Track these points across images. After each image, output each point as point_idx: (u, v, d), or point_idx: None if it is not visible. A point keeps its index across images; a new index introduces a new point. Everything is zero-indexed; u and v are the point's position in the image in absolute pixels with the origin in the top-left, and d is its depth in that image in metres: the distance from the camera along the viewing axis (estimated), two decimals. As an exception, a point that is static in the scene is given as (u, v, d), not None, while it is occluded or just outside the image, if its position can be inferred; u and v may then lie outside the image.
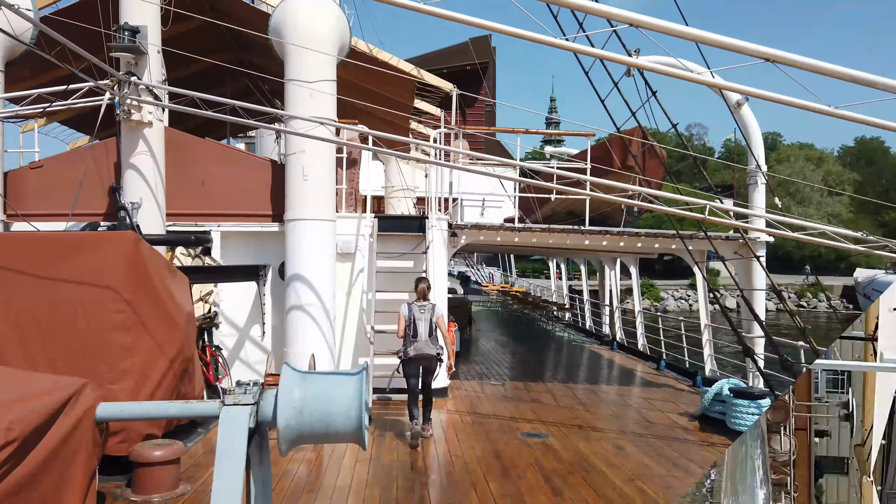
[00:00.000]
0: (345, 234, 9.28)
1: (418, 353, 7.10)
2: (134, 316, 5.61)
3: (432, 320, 7.19)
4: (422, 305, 7.26)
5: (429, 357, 7.14)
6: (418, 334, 7.11)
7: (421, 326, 7.12)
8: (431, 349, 7.15)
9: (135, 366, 5.57)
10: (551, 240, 9.82)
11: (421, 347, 7.10)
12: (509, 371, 12.15)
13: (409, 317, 7.19)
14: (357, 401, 3.31)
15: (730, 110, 9.78)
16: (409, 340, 7.14)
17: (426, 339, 7.11)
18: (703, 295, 11.33)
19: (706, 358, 11.44)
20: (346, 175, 9.43)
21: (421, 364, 7.21)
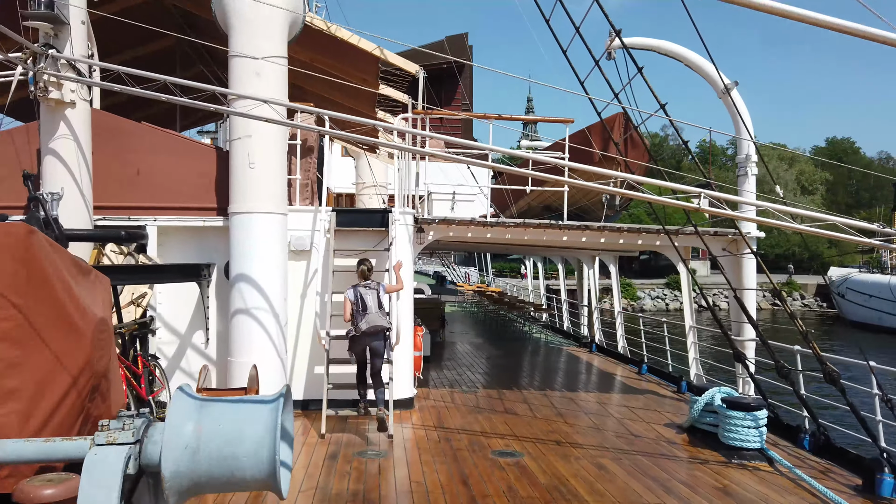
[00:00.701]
0: (298, 230, 8.38)
1: (371, 326, 7.05)
2: (24, 324, 4.61)
3: (379, 293, 7.23)
4: (366, 284, 7.28)
5: (379, 329, 7.12)
6: (367, 307, 7.11)
7: (370, 299, 7.15)
8: (382, 320, 7.14)
9: (25, 385, 4.54)
10: (527, 235, 9.02)
11: (373, 319, 7.07)
12: (483, 377, 11.33)
13: (355, 297, 7.22)
14: (270, 437, 2.51)
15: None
16: (359, 316, 7.13)
17: (377, 311, 7.11)
18: (687, 295, 10.64)
19: (691, 362, 10.75)
20: (299, 164, 8.52)
21: (369, 342, 7.15)
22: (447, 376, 11.27)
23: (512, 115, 8.78)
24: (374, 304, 7.12)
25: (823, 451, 7.09)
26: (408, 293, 8.48)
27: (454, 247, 15.39)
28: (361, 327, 7.04)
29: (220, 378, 8.25)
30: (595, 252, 14.28)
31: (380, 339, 7.17)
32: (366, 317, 7.07)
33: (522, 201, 11.40)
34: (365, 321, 7.04)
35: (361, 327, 7.04)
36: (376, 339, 7.15)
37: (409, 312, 8.50)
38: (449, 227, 9.01)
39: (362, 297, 7.16)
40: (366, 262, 7.53)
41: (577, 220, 9.54)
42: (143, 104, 13.03)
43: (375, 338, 7.14)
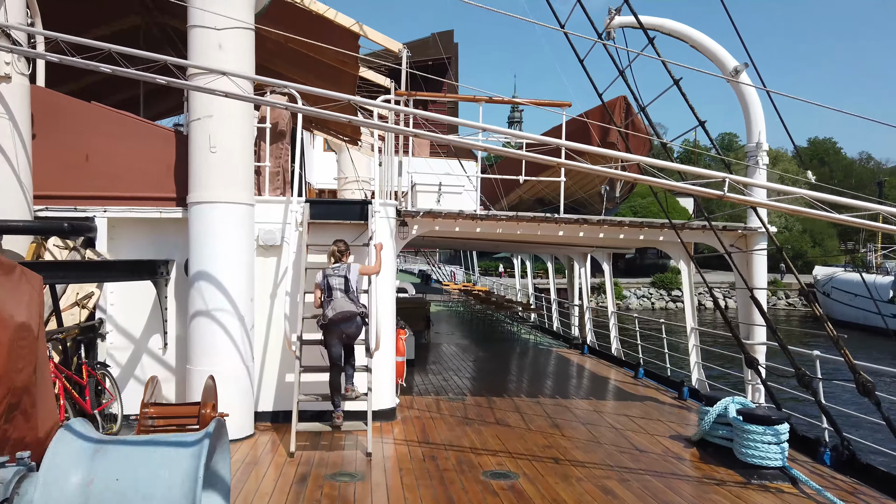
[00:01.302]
0: (268, 223, 7.55)
1: (338, 313, 6.50)
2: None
3: (349, 276, 6.64)
4: (336, 267, 6.75)
5: (350, 315, 6.54)
6: (333, 292, 6.58)
7: (335, 282, 6.60)
8: (351, 305, 6.56)
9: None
10: (519, 230, 8.28)
11: (339, 305, 6.52)
12: (470, 382, 10.57)
13: (323, 282, 6.70)
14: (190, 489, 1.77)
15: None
16: (326, 303, 6.61)
17: (342, 294, 6.56)
18: (689, 295, 9.95)
19: (693, 366, 10.08)
20: (269, 150, 7.68)
21: (342, 330, 6.61)
22: (433, 382, 10.49)
23: (504, 98, 8.06)
24: (340, 288, 6.56)
25: (846, 468, 6.42)
26: (389, 292, 7.69)
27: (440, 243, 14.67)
28: (328, 315, 6.52)
29: (180, 389, 7.41)
30: (589, 249, 13.59)
31: (352, 323, 6.63)
32: (331, 303, 6.54)
33: (513, 194, 10.65)
34: (330, 307, 6.51)
35: (328, 315, 6.52)
36: (349, 324, 6.61)
37: (390, 314, 7.71)
38: (435, 220, 8.23)
39: (328, 281, 6.63)
40: (339, 242, 6.95)
41: (574, 214, 8.82)
42: (107, 91, 12.09)
43: (348, 324, 6.60)
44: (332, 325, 6.59)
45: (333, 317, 6.52)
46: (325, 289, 6.66)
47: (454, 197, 9.35)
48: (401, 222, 8.10)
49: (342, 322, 6.57)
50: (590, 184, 9.18)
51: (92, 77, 10.63)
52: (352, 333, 6.69)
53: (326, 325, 6.61)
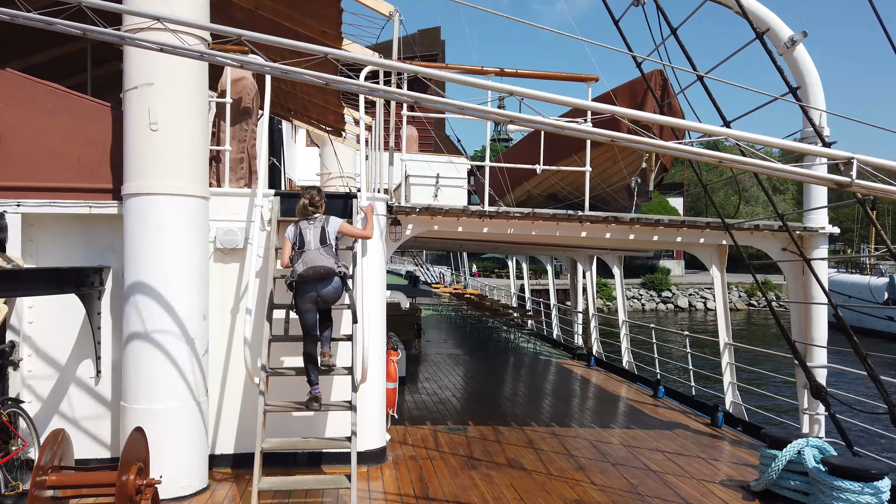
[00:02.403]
0: (228, 221, 6.09)
1: (310, 268, 5.32)
2: None
3: (325, 228, 5.48)
4: (311, 218, 5.56)
5: (325, 273, 5.35)
6: (306, 242, 5.41)
7: (309, 233, 5.44)
8: (329, 261, 5.37)
9: None
10: (535, 230, 6.89)
11: (312, 259, 5.35)
12: (471, 405, 9.18)
13: (294, 234, 5.53)
14: None
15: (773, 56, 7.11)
16: (296, 256, 5.45)
17: (318, 246, 5.38)
18: (722, 307, 8.63)
19: (726, 386, 8.77)
20: (229, 130, 6.22)
21: (317, 291, 5.38)
22: (428, 406, 9.08)
23: (518, 70, 6.67)
24: (314, 240, 5.39)
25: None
26: (378, 307, 6.25)
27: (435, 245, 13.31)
28: (297, 270, 5.35)
29: (117, 430, 5.92)
30: (598, 251, 12.24)
31: (329, 283, 5.42)
32: (303, 256, 5.35)
33: (521, 189, 9.29)
34: (301, 262, 5.34)
35: (297, 270, 5.35)
36: (325, 284, 5.40)
37: (379, 335, 6.27)
38: (433, 218, 6.82)
39: (301, 232, 5.47)
40: (312, 190, 5.74)
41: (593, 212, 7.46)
42: (54, 74, 10.52)
43: (324, 283, 5.39)
44: (303, 283, 5.35)
45: (305, 272, 5.30)
46: (297, 242, 5.45)
47: (455, 192, 7.94)
48: (392, 220, 6.69)
49: (317, 281, 5.34)
50: (615, 176, 7.85)
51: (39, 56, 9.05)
52: (328, 296, 5.43)
53: (296, 285, 5.40)
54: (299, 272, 5.34)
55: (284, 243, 5.55)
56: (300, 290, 5.40)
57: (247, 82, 6.46)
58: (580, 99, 4.05)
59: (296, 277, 5.36)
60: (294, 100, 11.40)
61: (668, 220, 6.77)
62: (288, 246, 5.52)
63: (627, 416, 8.95)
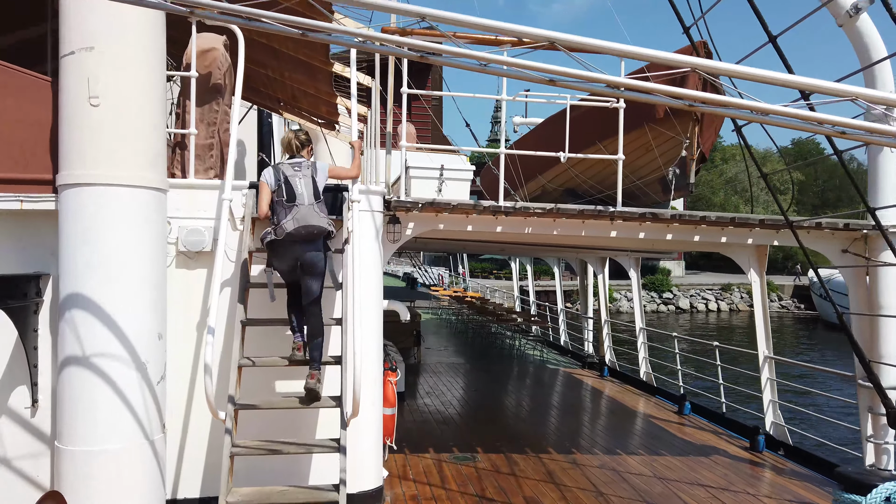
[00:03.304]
0: (192, 218, 5.08)
1: (302, 226, 4.50)
2: None
3: (315, 178, 4.67)
4: (297, 163, 4.73)
5: (317, 233, 4.56)
6: (297, 195, 4.56)
7: (301, 184, 4.60)
8: (322, 220, 4.59)
9: None
10: (557, 229, 5.89)
11: (305, 216, 4.53)
12: (478, 426, 8.18)
13: (276, 180, 4.64)
14: None
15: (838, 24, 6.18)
16: (282, 210, 4.56)
17: (311, 202, 4.58)
18: (762, 315, 7.65)
19: (766, 406, 7.78)
20: (194, 111, 5.20)
21: (301, 254, 4.56)
22: (429, 426, 8.08)
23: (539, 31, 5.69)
24: (307, 193, 4.59)
25: None
26: (373, 324, 5.23)
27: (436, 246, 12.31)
28: (286, 227, 4.50)
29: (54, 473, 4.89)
30: (616, 252, 11.25)
31: (317, 247, 4.64)
32: (294, 211, 4.51)
33: (534, 183, 8.29)
34: (292, 218, 4.51)
35: (286, 227, 4.50)
36: (311, 247, 4.60)
37: (374, 357, 5.24)
38: (438, 215, 5.81)
39: (287, 180, 4.60)
40: (299, 131, 5.04)
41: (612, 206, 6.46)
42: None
43: (310, 246, 4.59)
44: (289, 243, 4.53)
45: (296, 231, 4.48)
46: (282, 190, 4.58)
47: (460, 187, 6.94)
48: (390, 218, 5.68)
49: (304, 242, 4.55)
50: (647, 167, 6.86)
51: None
52: (312, 261, 4.62)
53: (279, 243, 4.57)
54: (288, 230, 4.47)
55: (262, 189, 4.68)
56: (281, 250, 4.58)
57: (217, 54, 5.45)
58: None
59: (282, 236, 4.49)
60: (283, 89, 10.39)
61: (715, 217, 5.77)
62: (267, 192, 4.63)
63: (653, 438, 7.97)
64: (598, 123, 6.78)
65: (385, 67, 6.53)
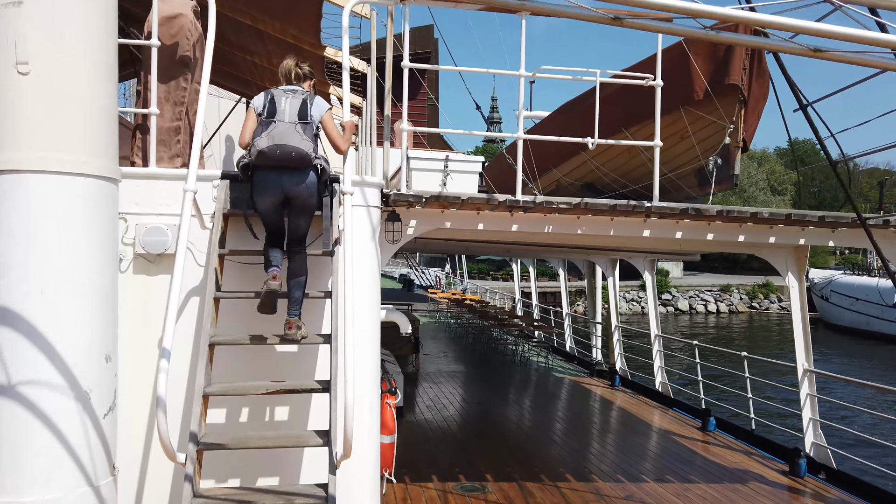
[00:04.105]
0: (153, 214, 4.25)
1: (277, 144, 3.79)
2: None
3: (309, 103, 3.98)
4: (292, 88, 4.07)
5: (299, 157, 3.83)
6: (278, 111, 3.90)
7: (285, 102, 3.94)
8: (304, 143, 3.86)
9: None
10: (581, 228, 5.09)
11: (283, 133, 3.82)
12: (486, 447, 7.38)
13: (263, 105, 3.95)
14: None
15: None
16: (260, 127, 3.90)
17: (294, 120, 3.89)
18: (801, 323, 6.88)
19: (806, 424, 7.00)
20: (156, 86, 4.38)
21: (282, 184, 3.86)
22: (432, 447, 7.28)
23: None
24: (289, 110, 3.91)
25: None
26: (369, 344, 4.40)
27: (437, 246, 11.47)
28: (258, 145, 3.81)
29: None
30: (632, 253, 10.46)
31: (302, 176, 3.90)
32: (271, 128, 3.84)
33: (548, 177, 7.48)
34: (267, 135, 3.82)
35: (258, 145, 3.81)
36: (298, 178, 3.88)
37: (370, 380, 4.41)
38: (445, 212, 5.01)
39: (274, 98, 3.95)
40: (306, 63, 4.31)
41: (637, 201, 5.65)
42: None
43: (296, 177, 3.88)
44: (269, 172, 3.84)
45: (269, 150, 3.79)
46: (266, 110, 3.92)
47: (467, 181, 6.11)
48: (389, 215, 4.87)
49: (284, 168, 3.84)
50: (681, 157, 6.04)
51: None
52: (298, 193, 3.91)
53: (257, 172, 3.88)
54: (260, 148, 3.79)
55: (248, 115, 4.00)
56: (259, 180, 3.87)
57: (185, 21, 4.62)
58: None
59: (254, 156, 3.81)
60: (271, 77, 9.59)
61: (767, 214, 4.97)
62: (252, 119, 3.95)
63: (681, 460, 7.18)
64: (624, 108, 5.99)
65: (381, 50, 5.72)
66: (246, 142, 3.95)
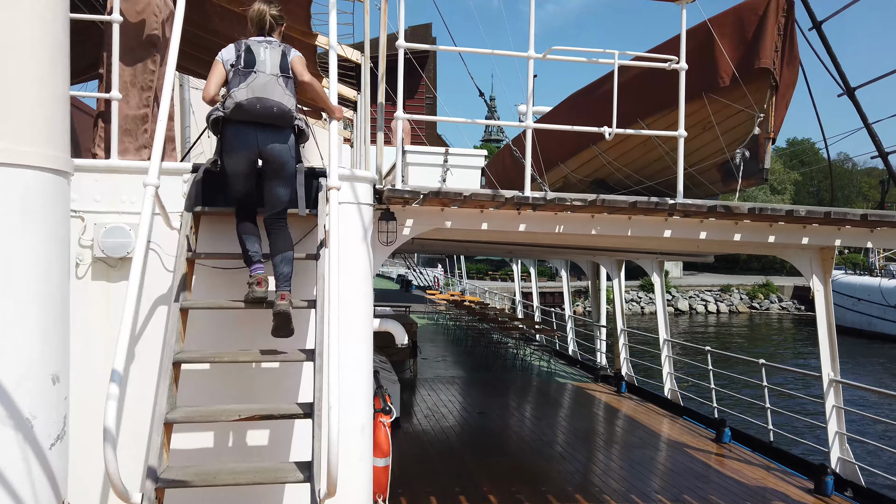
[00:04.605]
0: (114, 212, 3.75)
1: (256, 97, 3.31)
2: None
3: (287, 54, 3.51)
4: (265, 39, 3.55)
5: (279, 111, 3.35)
6: (257, 62, 3.41)
7: (264, 52, 3.45)
8: (285, 97, 3.39)
9: None
10: (596, 228, 4.60)
11: (264, 85, 3.35)
12: (489, 464, 6.89)
13: (237, 54, 3.45)
14: None
15: None
16: (236, 77, 3.40)
17: (275, 72, 3.41)
18: (826, 328, 6.41)
19: (832, 439, 6.52)
20: (121, 72, 3.87)
21: (257, 142, 3.37)
22: (431, 462, 6.79)
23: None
24: (269, 61, 3.44)
25: None
26: (361, 363, 3.89)
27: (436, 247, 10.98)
28: (236, 97, 3.33)
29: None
30: (642, 255, 9.97)
31: (281, 137, 3.43)
32: (251, 78, 3.37)
33: (555, 172, 6.98)
34: (248, 87, 3.34)
35: (236, 97, 3.33)
36: (273, 134, 3.41)
37: (361, 402, 3.90)
38: (445, 210, 4.51)
39: (250, 48, 3.47)
40: (275, 5, 3.67)
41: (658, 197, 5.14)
42: None
43: (275, 135, 3.41)
44: (244, 127, 3.36)
45: (248, 103, 3.32)
46: (243, 60, 3.44)
47: (469, 176, 5.63)
48: (383, 213, 4.37)
49: (261, 125, 3.36)
50: (703, 149, 5.54)
51: None
52: (278, 156, 3.43)
53: (229, 127, 3.39)
54: (239, 100, 3.31)
55: (214, 67, 3.50)
56: (231, 136, 3.39)
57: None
58: None
59: (229, 109, 3.33)
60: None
61: (804, 212, 4.47)
62: (219, 70, 3.46)
63: (695, 475, 6.70)
64: (639, 97, 5.52)
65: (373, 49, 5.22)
66: (210, 96, 3.47)
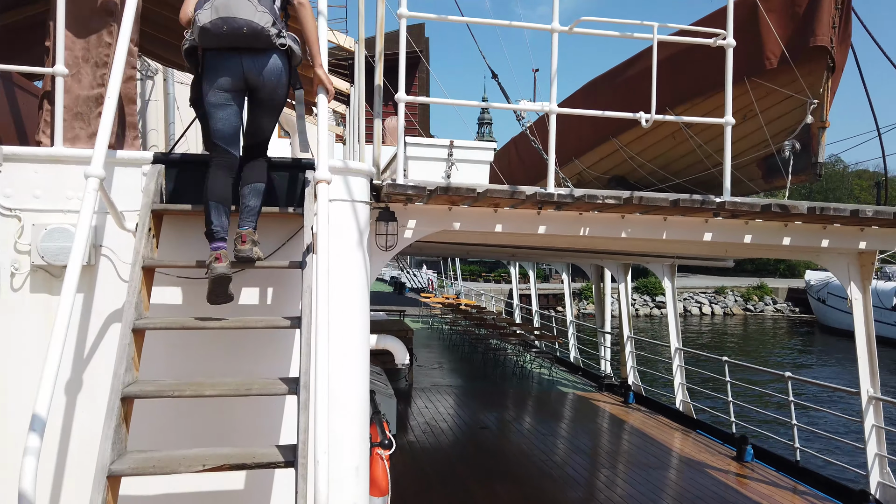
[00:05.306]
0: (56, 211, 3.11)
1: (221, 18, 2.78)
2: None
3: None
4: None
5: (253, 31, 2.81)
6: None
7: None
8: (257, 14, 2.83)
9: None
10: (627, 229, 4.00)
11: (228, 3, 2.79)
12: (494, 488, 6.27)
13: None
14: None
15: None
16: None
17: None
18: (865, 339, 5.84)
19: (872, 461, 5.96)
20: (63, 39, 3.23)
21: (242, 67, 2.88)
22: (430, 486, 6.16)
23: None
24: None
25: None
26: (355, 388, 3.26)
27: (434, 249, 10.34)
28: (199, 20, 2.84)
29: None
30: (655, 259, 9.38)
31: (264, 61, 2.91)
32: None
33: (568, 168, 6.35)
34: (211, 7, 2.83)
35: (199, 20, 2.84)
36: (258, 61, 2.91)
37: (357, 437, 3.28)
38: (453, 209, 3.89)
39: None
40: None
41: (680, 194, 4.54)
42: None
43: (259, 59, 2.92)
44: (222, 56, 2.89)
45: (213, 25, 2.82)
46: None
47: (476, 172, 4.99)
48: (381, 212, 3.74)
49: (242, 50, 2.88)
50: (744, 141, 4.92)
51: None
52: (264, 81, 2.95)
53: (203, 59, 2.94)
54: (202, 24, 2.84)
55: None
56: (212, 63, 2.91)
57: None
58: None
59: (196, 36, 2.88)
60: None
61: (871, 212, 3.84)
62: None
63: (720, 500, 6.11)
64: (671, 82, 4.91)
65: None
66: (188, 17, 2.96)
